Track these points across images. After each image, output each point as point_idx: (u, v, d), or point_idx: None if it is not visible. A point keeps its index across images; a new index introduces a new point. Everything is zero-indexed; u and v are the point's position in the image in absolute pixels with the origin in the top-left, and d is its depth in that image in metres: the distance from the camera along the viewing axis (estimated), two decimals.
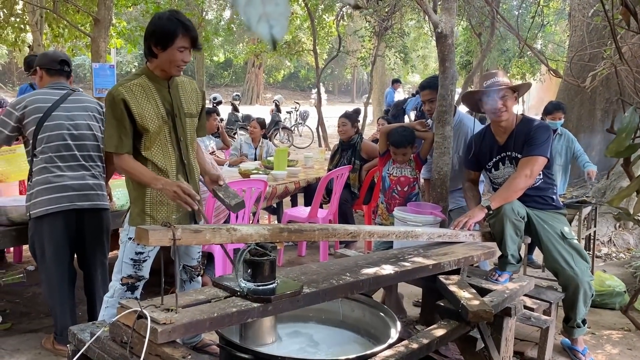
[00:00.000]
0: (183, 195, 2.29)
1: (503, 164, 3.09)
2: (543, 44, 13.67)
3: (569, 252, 2.93)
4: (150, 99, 2.44)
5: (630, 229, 5.70)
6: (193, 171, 2.62)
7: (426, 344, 1.98)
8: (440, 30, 3.17)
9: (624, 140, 1.22)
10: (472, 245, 2.79)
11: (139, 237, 1.67)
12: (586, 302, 2.99)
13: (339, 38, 11.57)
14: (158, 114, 2.44)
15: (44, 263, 2.91)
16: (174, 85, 2.53)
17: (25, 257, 4.57)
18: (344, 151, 5.29)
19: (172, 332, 1.58)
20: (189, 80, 2.66)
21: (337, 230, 2.18)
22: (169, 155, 2.50)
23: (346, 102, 29.16)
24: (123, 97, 2.37)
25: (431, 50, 22.94)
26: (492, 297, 2.39)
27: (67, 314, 2.94)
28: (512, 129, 3.03)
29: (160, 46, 2.37)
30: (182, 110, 2.54)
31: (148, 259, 2.56)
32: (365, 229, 2.35)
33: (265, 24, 0.60)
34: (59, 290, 2.92)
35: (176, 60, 2.39)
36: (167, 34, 2.34)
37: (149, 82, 2.46)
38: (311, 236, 2.08)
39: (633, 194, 1.32)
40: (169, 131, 2.49)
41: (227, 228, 1.80)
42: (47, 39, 10.97)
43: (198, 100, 2.65)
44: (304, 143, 14.48)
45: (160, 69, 2.45)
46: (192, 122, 2.60)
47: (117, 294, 2.56)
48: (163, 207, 2.51)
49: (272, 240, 1.91)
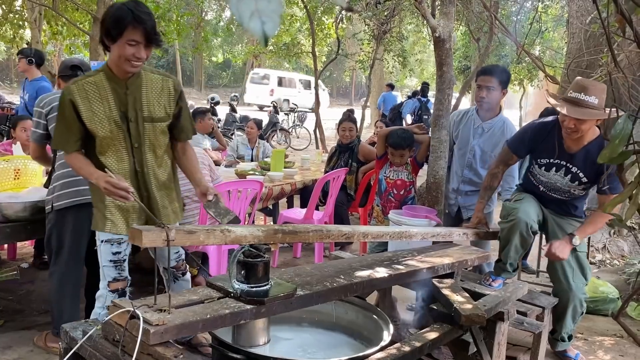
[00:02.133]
0: (114, 189, 2.12)
1: (557, 170, 2.87)
2: (541, 50, 13.72)
3: (571, 265, 2.91)
4: (104, 100, 2.26)
5: (625, 236, 5.71)
6: (150, 180, 2.42)
7: (418, 347, 1.98)
8: (438, 34, 3.18)
9: (617, 146, 1.23)
10: (466, 249, 2.80)
11: (132, 238, 1.65)
12: (575, 318, 3.00)
13: (338, 41, 11.59)
14: (110, 117, 2.26)
15: (60, 256, 2.91)
16: (135, 85, 2.32)
17: (19, 254, 4.55)
18: (342, 153, 5.30)
19: (164, 333, 1.58)
20: (161, 79, 2.40)
21: (332, 231, 2.18)
22: (123, 162, 2.34)
23: (344, 105, 29.20)
24: (71, 98, 2.23)
25: (429, 55, 22.99)
26: (485, 302, 2.40)
27: (77, 309, 2.94)
28: (584, 144, 2.77)
29: (110, 38, 2.18)
30: (141, 114, 2.32)
31: (126, 257, 2.49)
32: (359, 230, 2.36)
33: (257, 20, 0.60)
34: (73, 284, 2.93)
35: (126, 54, 2.17)
36: (115, 24, 2.14)
37: (105, 80, 2.27)
38: (305, 237, 2.08)
39: (626, 201, 1.32)
40: (124, 136, 2.31)
41: (222, 229, 1.79)
42: (46, 36, 10.96)
43: (170, 101, 2.40)
44: (302, 145, 14.48)
45: (114, 64, 2.25)
46: (153, 126, 2.36)
47: (109, 302, 2.40)
48: (122, 212, 2.39)
49: (266, 242, 1.91)
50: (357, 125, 5.41)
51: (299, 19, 14.83)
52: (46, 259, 4.30)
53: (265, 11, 0.61)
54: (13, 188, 3.58)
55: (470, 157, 3.46)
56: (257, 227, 1.92)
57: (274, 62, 27.13)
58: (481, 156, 3.44)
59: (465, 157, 3.48)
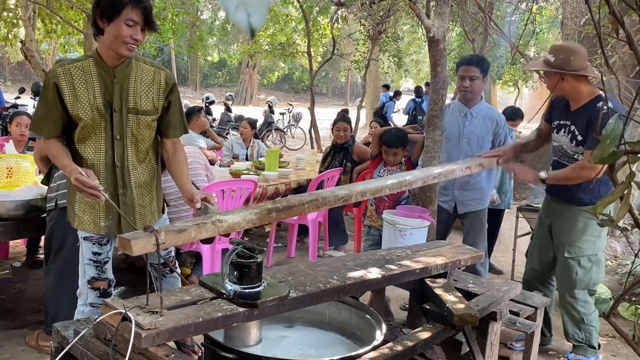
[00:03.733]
0: (84, 188, 2.06)
1: (563, 131, 2.97)
2: (536, 51, 13.76)
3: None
4: (89, 87, 2.18)
5: (618, 237, 5.74)
6: (129, 176, 2.31)
7: (411, 347, 1.98)
8: (433, 34, 3.18)
9: (608, 147, 1.23)
10: (460, 249, 2.80)
11: (122, 247, 1.59)
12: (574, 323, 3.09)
13: (334, 41, 11.58)
14: (93, 105, 2.18)
15: (60, 254, 2.88)
16: (123, 74, 2.22)
17: (11, 253, 4.53)
18: (336, 153, 5.30)
19: (156, 337, 1.56)
20: (153, 70, 2.31)
21: (328, 197, 2.04)
22: (100, 153, 2.25)
23: (340, 105, 29.18)
24: (56, 82, 2.15)
25: (424, 55, 23.01)
26: (477, 301, 2.40)
27: (73, 308, 2.92)
28: (582, 104, 2.88)
29: (106, 18, 2.09)
30: (127, 104, 2.23)
31: (108, 259, 2.42)
32: (356, 189, 2.18)
33: (243, 12, 0.60)
34: (71, 283, 2.88)
35: (123, 35, 2.08)
36: (114, 2, 2.06)
37: (93, 66, 2.19)
38: (301, 210, 1.98)
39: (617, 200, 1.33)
40: (105, 126, 2.22)
41: (212, 221, 1.74)
42: (40, 34, 10.90)
43: (159, 94, 2.31)
44: (297, 145, 14.48)
45: (107, 48, 2.15)
46: (137, 118, 2.26)
47: (91, 298, 2.40)
48: (91, 209, 2.31)
49: (261, 223, 1.85)
50: (351, 126, 5.42)
51: (294, 19, 14.82)
52: (39, 257, 4.28)
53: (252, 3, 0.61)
54: (5, 187, 3.57)
55: (465, 144, 3.55)
56: (249, 210, 1.85)
57: (269, 61, 27.12)
58: (476, 141, 3.53)
59: (459, 145, 3.56)
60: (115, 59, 2.19)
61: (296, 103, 21.96)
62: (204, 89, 30.38)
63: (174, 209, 3.64)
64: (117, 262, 4.31)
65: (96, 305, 2.41)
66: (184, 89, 28.77)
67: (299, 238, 5.29)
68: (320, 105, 23.08)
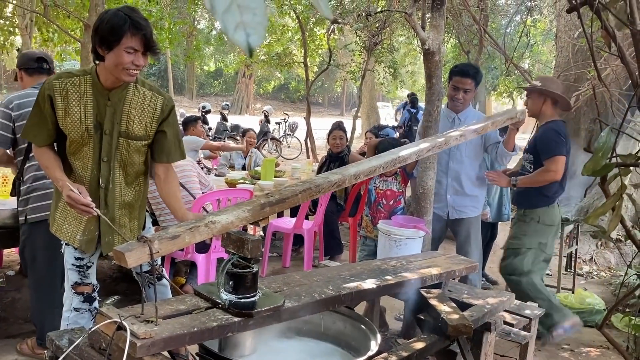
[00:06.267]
0: (76, 205, 2.06)
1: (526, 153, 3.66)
2: (530, 64, 13.88)
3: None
4: (82, 105, 2.17)
5: (612, 247, 5.77)
6: (114, 198, 2.30)
7: (405, 357, 1.98)
8: (428, 47, 3.22)
9: (601, 159, 1.25)
10: (454, 259, 2.81)
11: (117, 259, 1.59)
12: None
13: (330, 51, 11.65)
14: (83, 123, 2.17)
15: (34, 267, 2.87)
16: (118, 97, 2.21)
17: (5, 261, 4.50)
18: (332, 163, 5.31)
19: (151, 346, 1.56)
20: (151, 95, 2.27)
21: (321, 185, 2.00)
22: (87, 171, 2.25)
23: (335, 115, 29.29)
24: (50, 94, 2.15)
25: (420, 67, 23.12)
26: (472, 312, 2.41)
27: (57, 319, 2.90)
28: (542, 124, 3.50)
29: (105, 46, 2.07)
30: (118, 127, 2.22)
31: (91, 264, 2.40)
32: (349, 172, 2.14)
33: (242, 32, 0.61)
34: (51, 294, 2.86)
35: (124, 62, 2.07)
36: (112, 31, 2.04)
37: (90, 85, 2.18)
38: (295, 201, 1.95)
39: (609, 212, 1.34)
40: (93, 146, 2.22)
41: (205, 223, 1.71)
42: (37, 42, 10.92)
43: (153, 120, 2.28)
44: (292, 154, 14.49)
45: (107, 73, 2.14)
46: (128, 143, 2.25)
47: (75, 303, 2.38)
48: (74, 221, 2.30)
49: (255, 220, 1.83)
50: (347, 135, 5.43)
51: (290, 29, 14.90)
52: None
53: (251, 23, 0.61)
54: (0, 195, 3.56)
55: (454, 149, 3.56)
56: (241, 208, 1.82)
57: (266, 72, 27.20)
58: (466, 145, 3.56)
59: (449, 149, 3.56)
60: (114, 82, 2.19)
61: (292, 113, 21.99)
62: (200, 98, 30.41)
63: (168, 217, 3.64)
64: (112, 271, 4.29)
65: (80, 310, 2.40)
66: (180, 98, 28.79)
67: (294, 248, 5.28)
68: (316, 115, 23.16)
